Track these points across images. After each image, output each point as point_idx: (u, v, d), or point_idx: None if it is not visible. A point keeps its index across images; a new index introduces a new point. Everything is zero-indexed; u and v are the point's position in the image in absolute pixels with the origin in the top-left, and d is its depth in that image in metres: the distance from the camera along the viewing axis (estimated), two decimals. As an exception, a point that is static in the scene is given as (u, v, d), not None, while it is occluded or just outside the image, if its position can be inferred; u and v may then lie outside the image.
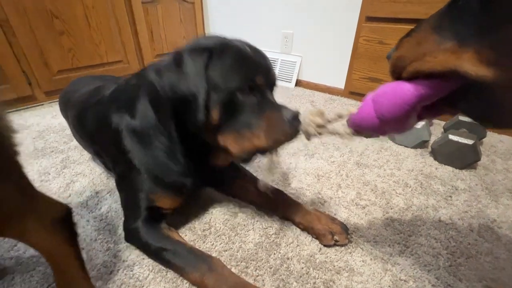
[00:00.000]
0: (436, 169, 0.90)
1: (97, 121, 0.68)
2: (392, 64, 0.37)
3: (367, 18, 1.33)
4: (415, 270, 0.56)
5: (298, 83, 1.82)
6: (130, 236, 0.60)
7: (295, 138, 0.51)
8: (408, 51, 0.34)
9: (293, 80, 1.80)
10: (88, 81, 0.93)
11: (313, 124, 0.50)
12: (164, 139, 0.59)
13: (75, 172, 0.87)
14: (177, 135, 0.58)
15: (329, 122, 0.49)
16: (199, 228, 0.66)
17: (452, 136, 0.88)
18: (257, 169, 0.88)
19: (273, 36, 1.84)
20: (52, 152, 0.98)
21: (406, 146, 1.04)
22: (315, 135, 0.50)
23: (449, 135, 0.89)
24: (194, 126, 0.52)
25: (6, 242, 0.62)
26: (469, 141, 0.85)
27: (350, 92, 1.56)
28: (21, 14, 1.24)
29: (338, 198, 0.76)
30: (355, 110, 0.42)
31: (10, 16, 1.21)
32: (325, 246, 0.61)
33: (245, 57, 0.52)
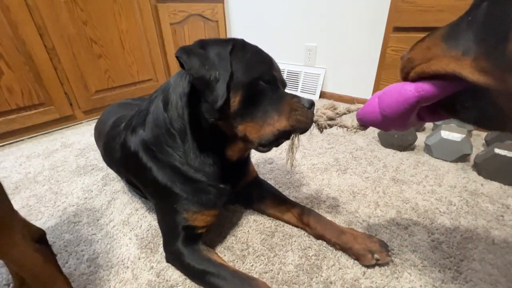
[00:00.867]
0: (482, 185, 0.84)
1: (120, 150, 0.69)
2: (402, 64, 0.40)
3: (395, 28, 1.31)
4: (472, 300, 0.52)
5: (322, 95, 1.81)
6: (172, 258, 0.60)
7: (312, 124, 0.55)
8: (418, 54, 0.37)
9: (317, 92, 1.79)
10: (115, 110, 0.96)
11: (324, 116, 0.54)
12: (176, 143, 0.58)
13: (115, 190, 0.91)
14: (190, 127, 0.57)
15: (338, 115, 0.53)
16: (237, 248, 0.66)
17: (498, 150, 0.82)
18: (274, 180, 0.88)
19: (296, 50, 1.86)
20: (93, 170, 1.04)
21: (445, 160, 0.98)
22: (325, 127, 0.54)
23: (495, 149, 0.83)
24: (211, 113, 0.53)
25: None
26: (519, 155, 0.79)
27: (377, 103, 1.52)
28: (66, 42, 1.36)
29: (377, 218, 0.73)
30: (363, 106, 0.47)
31: (56, 44, 1.33)
32: (366, 266, 0.59)
33: (264, 54, 0.56)
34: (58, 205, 0.85)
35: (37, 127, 1.39)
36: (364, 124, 0.48)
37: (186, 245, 0.58)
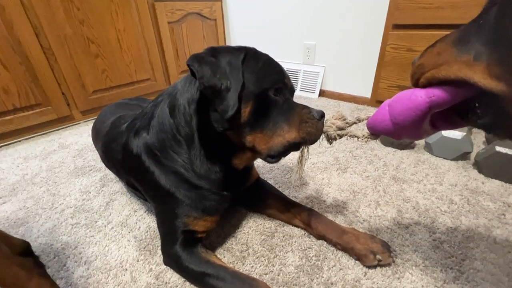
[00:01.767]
0: (483, 183, 0.84)
1: (122, 152, 0.67)
2: (413, 70, 0.40)
3: (394, 25, 1.30)
4: (474, 300, 0.52)
5: (322, 93, 1.81)
6: (169, 260, 0.60)
7: (321, 135, 0.54)
8: (428, 59, 0.37)
9: (317, 90, 1.78)
10: (112, 110, 0.94)
11: (334, 126, 0.53)
12: (182, 149, 0.58)
13: (113, 191, 0.90)
14: (198, 134, 0.56)
15: (348, 125, 0.52)
16: (237, 249, 0.66)
17: (499, 148, 0.82)
18: (274, 180, 0.87)
19: (295, 48, 1.85)
20: (91, 171, 1.03)
21: (445, 158, 0.98)
22: (335, 138, 0.54)
23: (495, 147, 0.83)
24: (220, 122, 0.52)
25: None
26: (520, 153, 0.78)
27: (377, 101, 1.51)
28: (62, 41, 1.34)
29: (378, 217, 0.73)
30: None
31: (53, 44, 1.31)
32: (368, 267, 0.59)
33: (275, 63, 0.55)
34: (55, 207, 0.84)
35: (34, 128, 1.37)
36: (375, 133, 0.47)
37: (185, 248, 0.58)
